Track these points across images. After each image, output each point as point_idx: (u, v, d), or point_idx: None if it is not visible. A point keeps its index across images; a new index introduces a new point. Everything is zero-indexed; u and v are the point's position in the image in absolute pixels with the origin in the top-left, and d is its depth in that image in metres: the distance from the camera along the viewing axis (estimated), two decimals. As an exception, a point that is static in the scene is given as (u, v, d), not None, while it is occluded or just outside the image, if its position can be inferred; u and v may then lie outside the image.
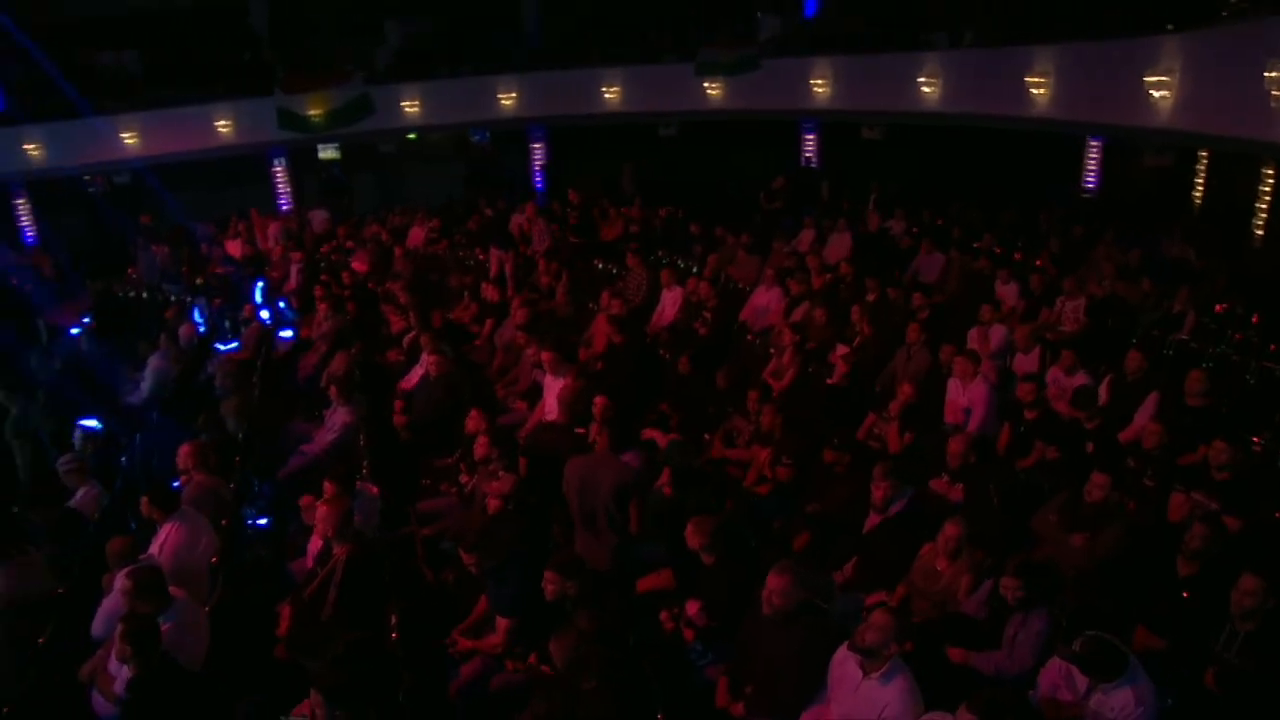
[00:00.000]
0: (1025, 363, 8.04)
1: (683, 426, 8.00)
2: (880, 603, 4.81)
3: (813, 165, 17.22)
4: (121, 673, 4.83)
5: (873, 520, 5.39)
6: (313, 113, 18.58)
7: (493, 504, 6.19)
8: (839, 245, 12.72)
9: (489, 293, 12.14)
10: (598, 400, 7.15)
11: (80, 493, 7.39)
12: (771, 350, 9.03)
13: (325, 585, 5.60)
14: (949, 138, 15.14)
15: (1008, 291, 9.87)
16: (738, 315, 10.66)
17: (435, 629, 5.58)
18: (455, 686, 5.04)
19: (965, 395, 7.11)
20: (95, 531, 6.95)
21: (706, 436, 7.75)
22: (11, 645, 5.81)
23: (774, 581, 4.21)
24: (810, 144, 17.32)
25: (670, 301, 10.88)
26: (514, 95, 18.70)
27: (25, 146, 18.06)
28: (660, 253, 13.71)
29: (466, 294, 12.68)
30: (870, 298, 9.68)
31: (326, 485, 6.09)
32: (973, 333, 8.45)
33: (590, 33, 19.17)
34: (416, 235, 16.33)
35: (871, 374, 8.22)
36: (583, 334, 10.36)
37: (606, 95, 18.01)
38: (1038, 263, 11.11)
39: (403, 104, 18.89)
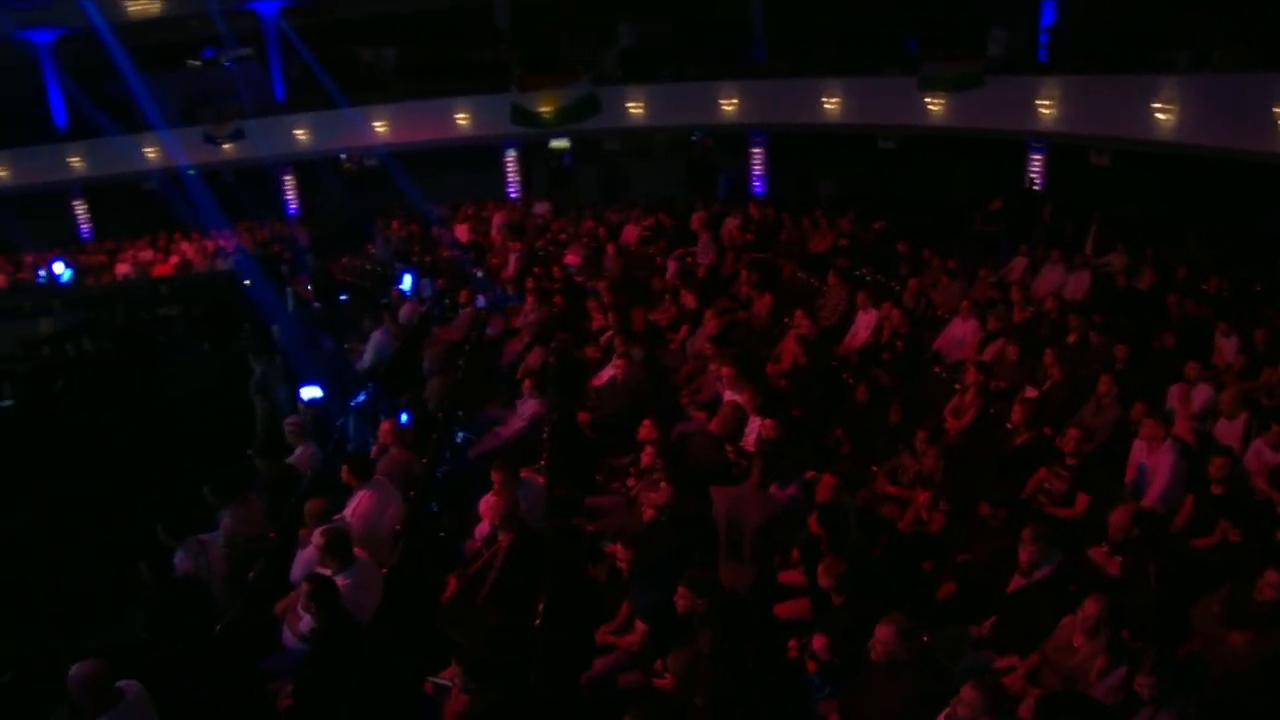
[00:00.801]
0: (1227, 430, 7.35)
1: (853, 456, 8.01)
2: (1009, 667, 4.73)
3: (1036, 188, 16.32)
4: (305, 618, 5.48)
5: (1016, 582, 5.24)
6: (543, 109, 19.60)
7: (648, 513, 6.45)
8: (1050, 277, 12.07)
9: (687, 299, 12.26)
10: (764, 427, 7.26)
11: (298, 451, 8.30)
12: (956, 386, 8.78)
13: (486, 568, 6.10)
14: (1187, 166, 13.95)
15: (1228, 345, 8.96)
16: (932, 344, 10.38)
17: (580, 621, 5.89)
18: (586, 677, 5.34)
19: (1150, 459, 6.66)
20: (307, 488, 7.84)
21: (875, 468, 7.69)
22: (230, 575, 6.65)
23: (880, 631, 4.26)
24: (1037, 165, 16.42)
25: (864, 324, 10.70)
26: (735, 101, 18.98)
27: (295, 132, 20.43)
28: (865, 270, 13.46)
29: (668, 297, 12.85)
30: (1070, 339, 9.20)
31: (494, 475, 6.54)
32: (1174, 389, 7.81)
33: (815, 42, 19.08)
34: (630, 233, 16.73)
35: (1056, 423, 7.82)
36: (775, 348, 10.35)
37: (827, 105, 17.93)
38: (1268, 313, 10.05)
39: (628, 104, 19.64)
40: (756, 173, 20.22)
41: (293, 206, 22.04)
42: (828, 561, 4.97)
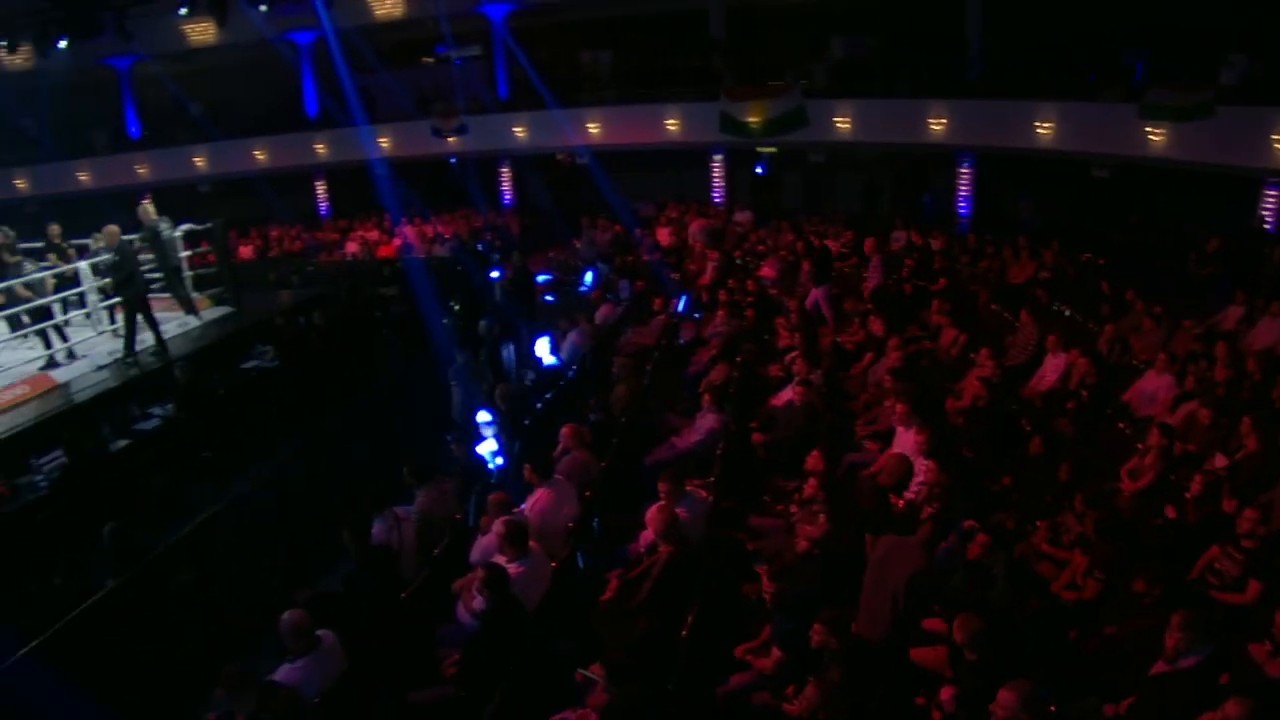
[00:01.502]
0: None
1: (1018, 507, 7.88)
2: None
3: (1266, 228, 14.99)
4: (478, 598, 6.06)
5: (1160, 666, 5.15)
6: (751, 120, 19.95)
7: (801, 545, 6.68)
8: (1267, 331, 11.12)
9: (874, 325, 11.98)
10: (928, 469, 7.33)
11: (489, 441, 9.04)
12: (1139, 446, 8.45)
13: (644, 576, 6.50)
14: None
15: None
16: (1122, 395, 9.94)
17: (723, 634, 6.17)
18: (722, 690, 5.67)
19: (1345, 553, 6.25)
20: (495, 478, 8.52)
21: (1038, 523, 7.56)
22: (419, 548, 7.39)
23: (1003, 695, 4.35)
24: (1270, 203, 15.00)
25: (1052, 368, 10.39)
26: (944, 121, 18.60)
27: (514, 129, 21.76)
28: (1063, 306, 12.94)
29: (857, 320, 12.65)
30: (1274, 405, 8.63)
31: (660, 486, 6.92)
32: (1385, 479, 7.25)
33: (1032, 62, 18.33)
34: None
35: (1243, 498, 7.39)
36: (960, 381, 10.17)
37: (1039, 130, 17.25)
38: None
39: (835, 119, 19.57)
40: (963, 194, 19.71)
41: (508, 197, 23.46)
42: (963, 618, 5.09)
